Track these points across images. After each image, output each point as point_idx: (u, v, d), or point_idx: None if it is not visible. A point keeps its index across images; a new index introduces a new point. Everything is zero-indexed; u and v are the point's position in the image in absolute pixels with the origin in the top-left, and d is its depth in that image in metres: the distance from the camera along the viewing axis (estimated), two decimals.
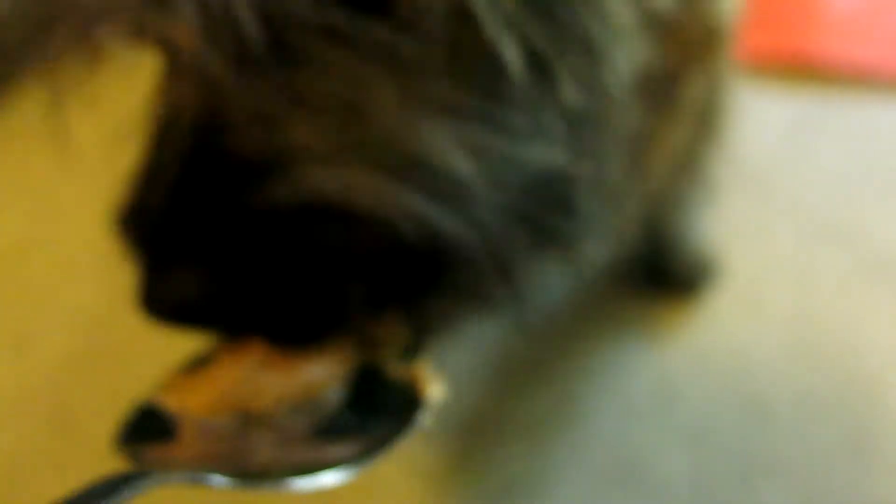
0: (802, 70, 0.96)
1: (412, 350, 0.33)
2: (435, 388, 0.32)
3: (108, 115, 1.16)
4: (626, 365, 0.79)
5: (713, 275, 0.83)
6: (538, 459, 0.74)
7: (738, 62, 0.65)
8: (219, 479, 0.27)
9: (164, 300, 0.31)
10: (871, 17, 0.98)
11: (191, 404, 0.30)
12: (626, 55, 0.32)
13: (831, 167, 0.91)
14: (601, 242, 0.37)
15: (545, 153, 0.30)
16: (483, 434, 0.76)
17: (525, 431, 0.76)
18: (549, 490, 0.71)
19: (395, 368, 0.32)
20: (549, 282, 0.39)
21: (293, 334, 0.31)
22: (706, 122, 0.60)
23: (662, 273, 0.82)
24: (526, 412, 0.77)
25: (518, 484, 0.72)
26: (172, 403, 0.30)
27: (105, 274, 0.92)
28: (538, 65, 0.27)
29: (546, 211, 0.33)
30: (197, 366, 0.32)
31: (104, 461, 0.28)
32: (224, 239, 0.29)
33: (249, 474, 0.27)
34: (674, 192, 0.72)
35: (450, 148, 0.27)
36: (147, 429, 0.29)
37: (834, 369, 0.77)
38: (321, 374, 0.30)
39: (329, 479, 0.28)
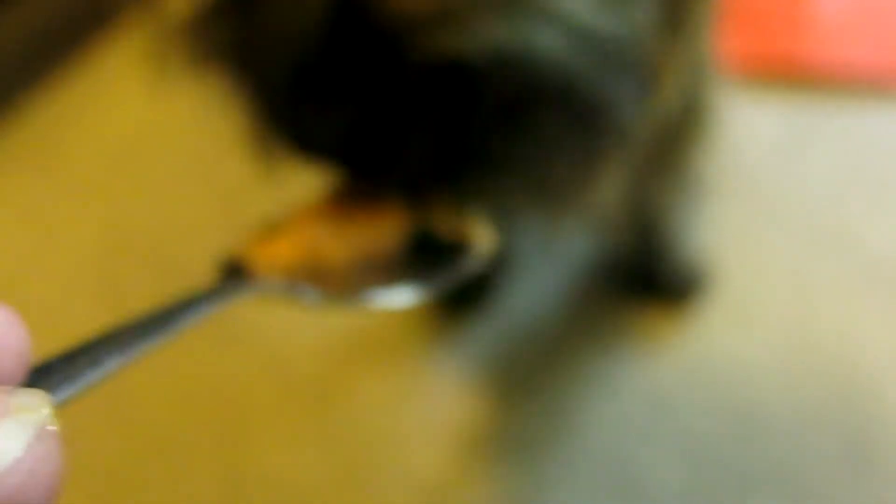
0: (793, 76, 0.96)
1: (460, 211, 0.37)
2: (482, 238, 0.36)
3: (104, 139, 1.15)
4: (620, 377, 0.78)
5: (706, 283, 0.82)
6: (532, 475, 0.73)
7: (729, 68, 0.64)
8: (311, 293, 0.30)
9: (318, 134, 0.34)
10: (861, 21, 0.98)
11: (271, 263, 0.32)
12: None
13: (823, 174, 0.90)
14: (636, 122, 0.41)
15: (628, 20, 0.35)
16: (477, 449, 0.75)
17: (519, 446, 0.75)
18: None
19: (446, 227, 0.36)
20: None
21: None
22: (693, 119, 0.60)
23: (655, 281, 0.82)
24: (519, 427, 0.77)
25: (513, 499, 0.72)
26: (254, 262, 0.32)
27: (101, 295, 0.92)
28: None
29: (611, 69, 0.36)
30: (272, 230, 0.35)
31: None
32: (366, 87, 0.32)
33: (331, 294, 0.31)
34: (664, 196, 0.71)
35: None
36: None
37: (828, 377, 0.77)
38: (383, 234, 0.34)
39: (400, 298, 0.32)
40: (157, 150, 1.04)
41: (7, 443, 0.15)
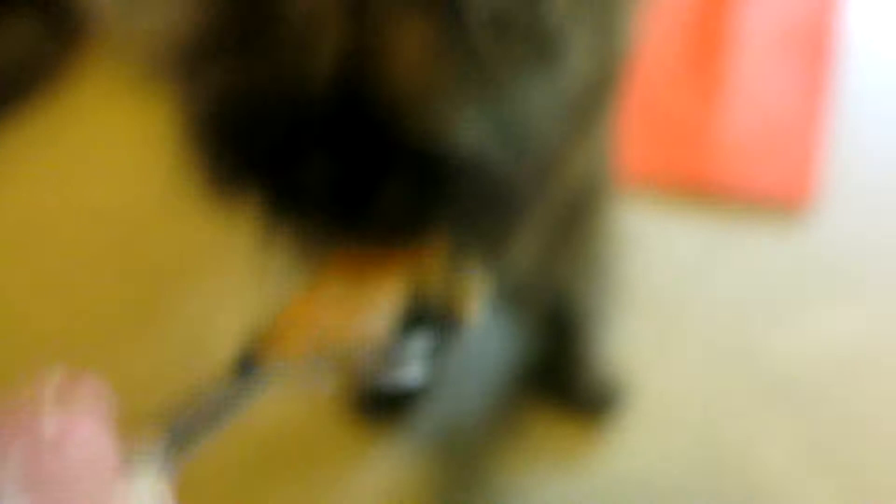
0: (700, 192, 1.02)
1: (451, 275, 0.42)
2: (471, 306, 0.41)
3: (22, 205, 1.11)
4: (535, 494, 0.79)
5: (621, 395, 0.84)
6: None
7: (636, 183, 0.69)
8: (324, 366, 0.35)
9: (308, 181, 0.37)
10: (763, 142, 1.06)
11: (285, 353, 0.36)
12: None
13: (730, 291, 0.95)
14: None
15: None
16: None
17: None
18: None
19: (437, 292, 0.41)
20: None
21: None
22: (590, 204, 0.66)
23: (572, 393, 0.84)
24: None
25: None
26: (271, 354, 0.36)
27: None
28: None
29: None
30: (279, 322, 0.38)
31: None
32: (353, 145, 0.37)
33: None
34: (575, 288, 0.75)
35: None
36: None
37: (737, 490, 0.79)
38: (379, 306, 0.38)
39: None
40: (72, 224, 1.03)
41: None
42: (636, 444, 0.82)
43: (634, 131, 0.63)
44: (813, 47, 1.11)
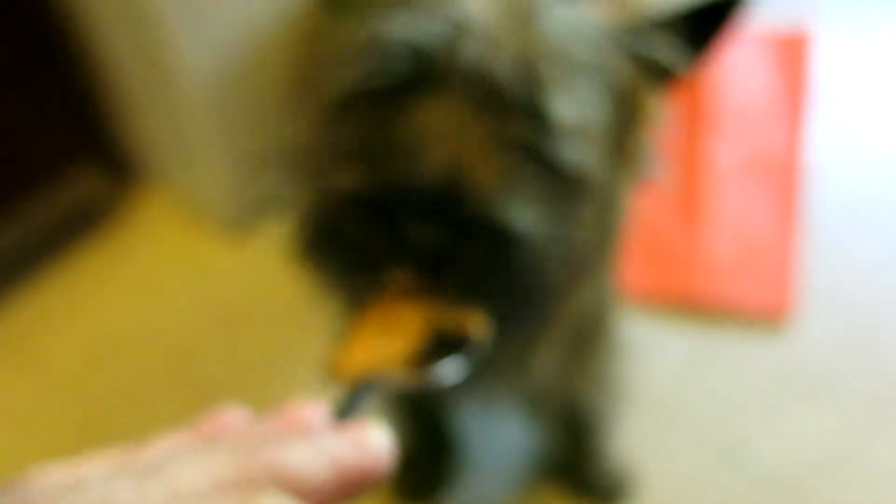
0: (690, 308, 1.12)
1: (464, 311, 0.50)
2: (478, 331, 0.48)
3: (83, 336, 1.22)
4: None
5: (628, 485, 0.94)
6: None
7: (635, 300, 0.78)
8: (388, 381, 0.41)
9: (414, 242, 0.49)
10: (745, 260, 1.16)
11: (353, 368, 0.43)
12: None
13: (721, 393, 1.04)
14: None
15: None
16: None
17: None
18: None
19: (453, 323, 0.49)
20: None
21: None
22: (599, 323, 0.76)
23: (586, 484, 0.94)
24: None
25: None
26: (344, 372, 0.43)
27: None
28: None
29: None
30: (346, 342, 0.46)
31: None
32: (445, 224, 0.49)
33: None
34: (586, 393, 0.85)
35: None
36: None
37: None
38: (415, 333, 0.47)
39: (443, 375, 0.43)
40: (134, 351, 1.12)
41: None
42: None
43: (632, 257, 0.74)
44: (782, 174, 1.24)
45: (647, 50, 0.55)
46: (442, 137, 0.49)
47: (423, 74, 0.50)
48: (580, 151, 0.52)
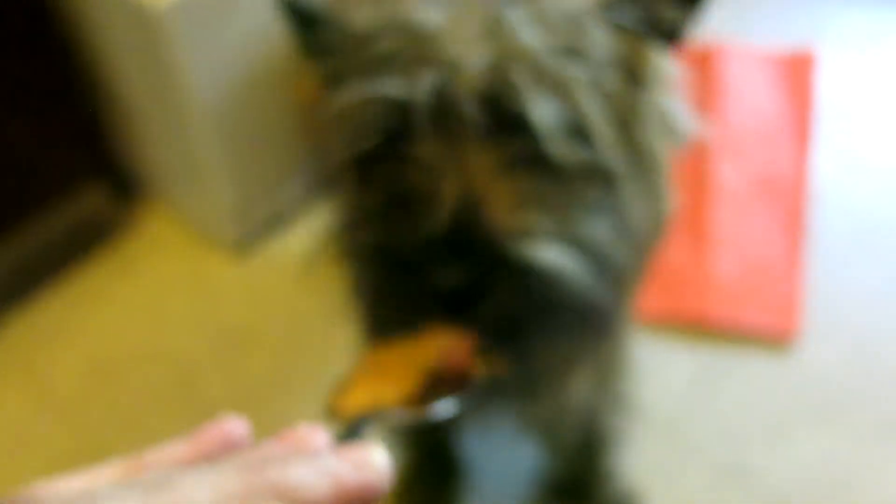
0: (698, 329, 1.11)
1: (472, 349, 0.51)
2: (479, 370, 0.49)
3: (86, 354, 1.22)
4: None
5: None
6: None
7: (642, 320, 0.78)
8: (390, 417, 0.41)
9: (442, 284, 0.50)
10: (752, 282, 1.15)
11: (353, 408, 0.43)
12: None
13: (727, 414, 1.03)
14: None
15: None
16: None
17: None
18: None
19: (458, 361, 0.49)
20: None
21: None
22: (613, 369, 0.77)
23: (595, 502, 0.93)
24: None
25: None
26: (343, 412, 0.43)
27: None
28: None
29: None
30: (347, 383, 0.46)
31: None
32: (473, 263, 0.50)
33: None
34: (603, 416, 0.84)
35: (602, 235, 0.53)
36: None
37: None
38: (418, 371, 0.46)
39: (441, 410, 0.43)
40: (137, 370, 1.12)
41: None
42: None
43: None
44: (789, 195, 1.23)
45: (631, 17, 0.56)
46: (448, 174, 0.50)
47: (411, 124, 0.51)
48: (578, 145, 0.52)
